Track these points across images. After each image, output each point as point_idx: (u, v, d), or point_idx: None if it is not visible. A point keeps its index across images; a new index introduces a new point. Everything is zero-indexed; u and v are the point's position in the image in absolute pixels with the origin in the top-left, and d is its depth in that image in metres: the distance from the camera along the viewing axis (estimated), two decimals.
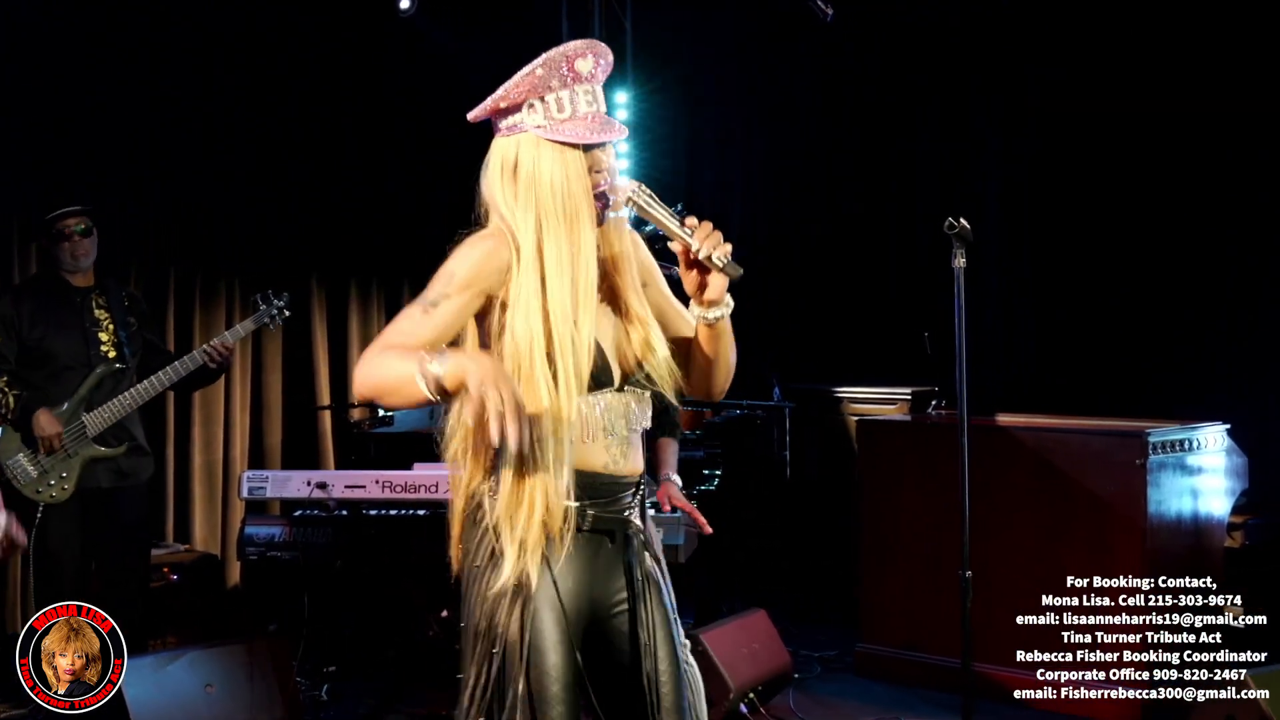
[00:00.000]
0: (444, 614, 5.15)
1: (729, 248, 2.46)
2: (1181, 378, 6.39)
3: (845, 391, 7.00)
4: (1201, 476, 5.32)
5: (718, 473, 5.94)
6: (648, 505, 2.69)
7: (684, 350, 2.65)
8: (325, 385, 7.18)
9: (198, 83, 6.66)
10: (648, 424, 2.64)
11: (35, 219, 5.90)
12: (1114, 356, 6.60)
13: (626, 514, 2.59)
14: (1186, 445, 5.22)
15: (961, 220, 4.12)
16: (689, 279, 2.51)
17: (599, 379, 2.51)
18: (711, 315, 2.54)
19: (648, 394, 2.62)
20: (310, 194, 7.13)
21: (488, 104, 2.53)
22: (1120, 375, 6.54)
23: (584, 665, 2.49)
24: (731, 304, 2.54)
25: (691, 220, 2.47)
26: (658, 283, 2.69)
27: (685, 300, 2.62)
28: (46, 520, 4.73)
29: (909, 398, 6.69)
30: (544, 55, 2.48)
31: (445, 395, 2.27)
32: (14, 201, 6.05)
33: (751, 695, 4.90)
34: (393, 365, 2.31)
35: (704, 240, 2.45)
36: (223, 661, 4.48)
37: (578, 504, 2.50)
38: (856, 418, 6.52)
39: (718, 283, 2.50)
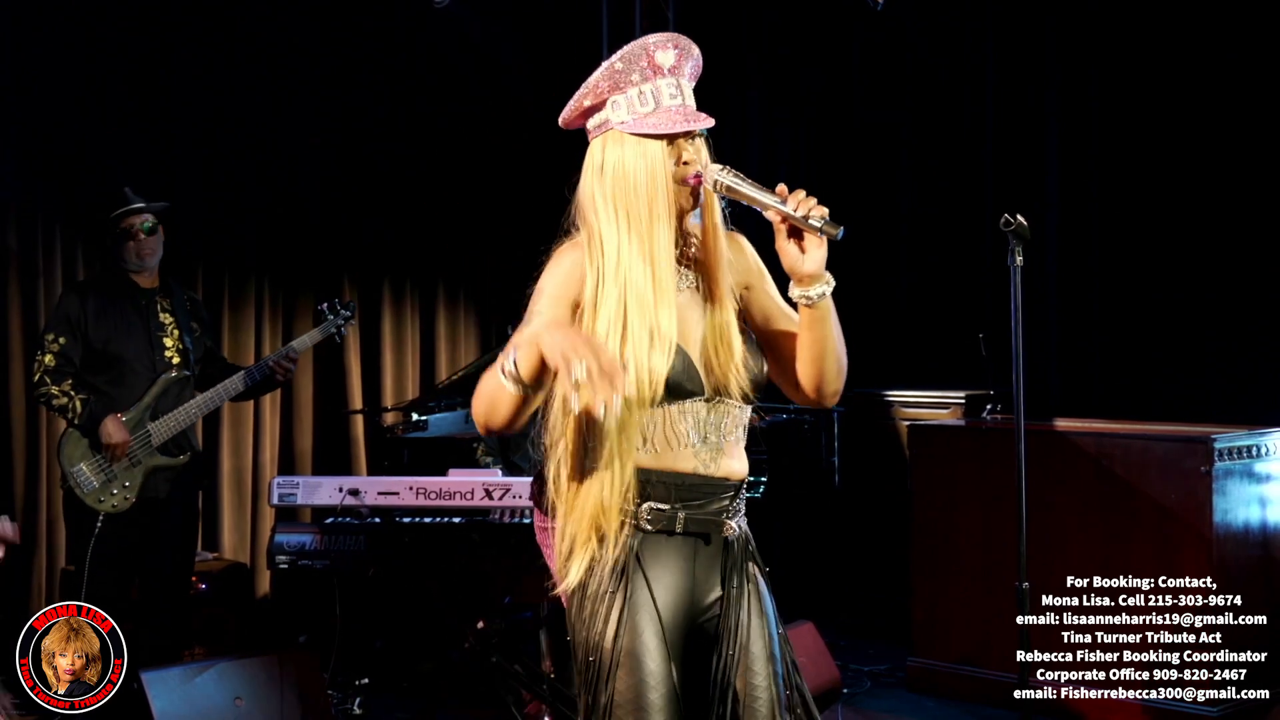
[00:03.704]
0: (480, 625, 5.06)
1: (825, 210, 2.38)
2: (1249, 380, 6.15)
3: (896, 395, 6.82)
4: (1271, 484, 5.13)
5: (763, 480, 5.85)
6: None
7: (791, 350, 2.59)
8: (357, 388, 7.06)
9: (221, 79, 6.55)
10: (744, 430, 2.60)
11: (72, 220, 5.87)
12: (1178, 357, 6.38)
13: (723, 517, 2.53)
14: (1255, 451, 5.04)
15: (1019, 216, 3.99)
16: (787, 253, 2.42)
17: (686, 387, 2.46)
18: (814, 292, 2.45)
19: (741, 406, 2.56)
20: (340, 192, 7.01)
21: (573, 104, 2.52)
22: (1185, 377, 6.33)
23: (681, 671, 2.48)
24: (833, 281, 2.46)
25: (782, 187, 2.41)
26: (765, 285, 2.64)
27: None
28: (106, 530, 4.69)
29: (963, 402, 6.52)
30: (623, 49, 2.47)
31: (536, 384, 2.26)
32: (52, 203, 5.98)
33: None
34: (486, 382, 2.35)
35: (799, 203, 2.38)
36: (252, 673, 4.44)
37: (668, 507, 2.46)
38: (908, 423, 6.35)
39: (816, 250, 2.41)
